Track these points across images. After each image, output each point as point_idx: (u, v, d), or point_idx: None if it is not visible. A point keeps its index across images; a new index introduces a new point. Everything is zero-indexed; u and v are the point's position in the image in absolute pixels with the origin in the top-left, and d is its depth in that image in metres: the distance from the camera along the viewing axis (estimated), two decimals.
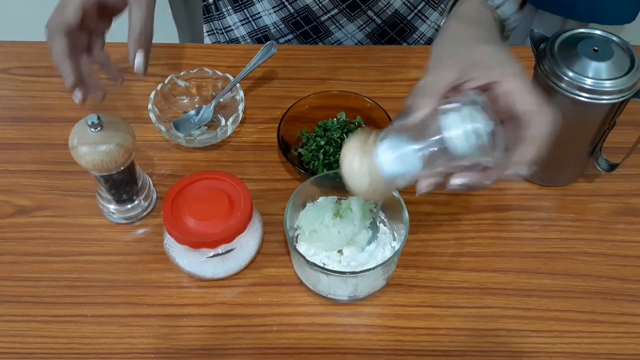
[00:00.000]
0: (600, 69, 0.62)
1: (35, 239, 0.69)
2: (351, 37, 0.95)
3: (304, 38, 0.96)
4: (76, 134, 0.62)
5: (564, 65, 0.63)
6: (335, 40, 0.95)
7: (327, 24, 0.93)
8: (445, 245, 0.69)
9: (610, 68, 0.63)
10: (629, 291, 0.66)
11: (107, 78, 0.72)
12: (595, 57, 0.63)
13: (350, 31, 0.94)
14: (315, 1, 0.90)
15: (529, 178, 0.74)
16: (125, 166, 0.65)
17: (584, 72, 0.62)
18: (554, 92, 0.64)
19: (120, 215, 0.70)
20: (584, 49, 0.64)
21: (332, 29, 0.94)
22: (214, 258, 0.64)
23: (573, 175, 0.74)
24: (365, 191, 0.53)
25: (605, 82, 0.62)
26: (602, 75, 0.62)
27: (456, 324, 0.63)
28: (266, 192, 0.74)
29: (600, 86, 0.62)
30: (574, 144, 0.69)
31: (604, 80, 0.62)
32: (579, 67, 0.63)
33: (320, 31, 0.94)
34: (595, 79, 0.62)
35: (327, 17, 0.92)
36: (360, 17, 0.92)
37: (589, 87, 0.62)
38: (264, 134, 0.79)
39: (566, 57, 0.64)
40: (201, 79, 0.81)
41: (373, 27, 0.94)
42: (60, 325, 0.63)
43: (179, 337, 0.62)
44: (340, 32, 0.94)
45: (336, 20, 0.92)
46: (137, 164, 0.68)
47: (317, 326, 0.63)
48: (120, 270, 0.67)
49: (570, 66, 0.63)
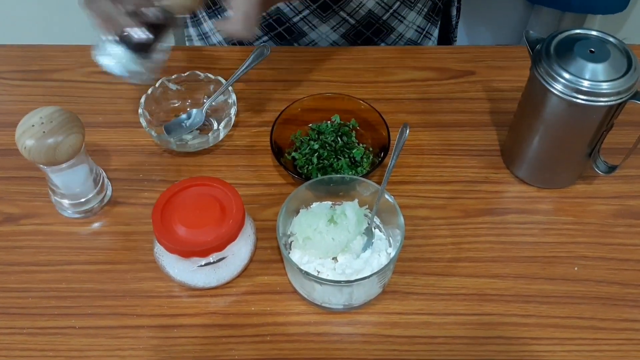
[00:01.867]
0: (597, 71, 0.61)
1: (23, 248, 0.68)
2: (325, 38, 0.94)
3: (279, 39, 0.95)
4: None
5: (560, 67, 0.62)
6: (310, 41, 0.94)
7: (299, 24, 0.92)
8: (443, 250, 0.68)
9: (607, 69, 0.61)
10: (630, 296, 0.64)
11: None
12: (592, 58, 0.62)
13: (324, 32, 0.93)
14: (287, 3, 0.89)
15: (526, 180, 0.73)
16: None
17: (580, 74, 0.61)
18: (550, 94, 0.63)
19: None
20: (580, 50, 0.62)
21: (306, 30, 0.93)
22: (205, 267, 0.63)
23: (571, 178, 0.73)
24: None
25: (603, 84, 0.61)
26: (599, 77, 0.61)
27: (455, 332, 0.62)
28: (259, 197, 0.72)
29: (598, 88, 0.61)
30: (572, 146, 0.68)
31: (601, 82, 0.61)
32: (576, 69, 0.61)
33: (293, 32, 0.93)
34: (592, 80, 0.61)
35: (298, 18, 0.91)
36: (333, 18, 0.91)
37: (586, 89, 0.61)
38: (257, 138, 0.78)
39: (562, 59, 0.62)
40: (193, 82, 0.80)
41: (347, 27, 0.93)
42: (48, 337, 0.61)
43: (169, 348, 0.61)
44: (314, 33, 0.93)
45: (308, 21, 0.91)
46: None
47: (312, 336, 0.62)
48: (110, 279, 0.65)
49: (566, 68, 0.62)
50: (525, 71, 0.68)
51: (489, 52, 0.89)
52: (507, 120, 0.76)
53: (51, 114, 0.62)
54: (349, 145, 0.75)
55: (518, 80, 0.83)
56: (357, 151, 0.74)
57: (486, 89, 0.84)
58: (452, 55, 0.88)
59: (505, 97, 0.82)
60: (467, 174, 0.74)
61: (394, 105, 0.81)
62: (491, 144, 0.77)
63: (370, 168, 0.72)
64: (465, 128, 0.79)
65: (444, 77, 0.85)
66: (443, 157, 0.76)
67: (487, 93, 0.83)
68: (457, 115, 0.81)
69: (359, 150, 0.74)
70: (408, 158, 0.76)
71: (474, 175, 0.74)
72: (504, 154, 0.76)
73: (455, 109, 0.81)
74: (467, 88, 0.84)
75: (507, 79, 0.84)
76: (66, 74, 0.85)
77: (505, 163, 0.75)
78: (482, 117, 0.80)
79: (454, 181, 0.74)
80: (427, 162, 0.76)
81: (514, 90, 0.82)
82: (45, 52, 0.88)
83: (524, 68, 0.70)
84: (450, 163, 0.75)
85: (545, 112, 0.65)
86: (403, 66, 0.86)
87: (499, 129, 0.79)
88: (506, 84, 0.84)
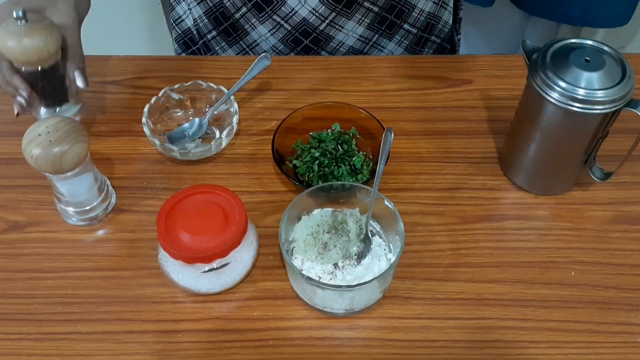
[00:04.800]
0: (593, 79, 0.63)
1: (29, 255, 0.69)
2: (352, 34, 0.94)
3: (306, 53, 0.96)
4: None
5: (556, 75, 0.63)
6: (338, 42, 0.95)
7: (327, 30, 0.92)
8: (442, 256, 0.69)
9: (602, 78, 0.63)
10: (625, 300, 0.66)
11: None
12: (587, 67, 0.63)
13: (351, 28, 0.93)
14: (312, 12, 0.89)
15: (524, 187, 0.75)
16: (49, 64, 0.68)
17: (576, 83, 0.63)
18: (546, 102, 0.64)
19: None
20: (575, 60, 0.64)
21: (332, 33, 0.93)
22: (209, 273, 0.64)
23: (567, 184, 0.74)
24: None
25: (598, 92, 0.62)
26: (594, 85, 0.62)
27: (454, 335, 0.63)
28: (261, 204, 0.73)
29: (593, 96, 0.62)
30: (568, 153, 0.70)
31: (597, 91, 0.62)
32: (572, 78, 0.63)
33: (321, 40, 0.94)
34: (587, 89, 0.62)
35: (325, 24, 0.91)
36: (358, 12, 0.91)
37: (582, 97, 0.62)
38: (259, 146, 0.79)
39: (558, 68, 0.64)
40: (195, 92, 0.81)
41: (371, 17, 0.93)
42: (54, 342, 0.62)
43: (173, 353, 0.62)
44: (341, 33, 0.93)
45: (335, 24, 0.92)
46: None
47: (314, 340, 0.63)
48: (115, 285, 0.66)
49: (562, 76, 0.63)
50: (522, 80, 0.69)
51: (487, 61, 0.90)
52: (505, 128, 0.77)
53: (57, 123, 0.63)
54: (349, 153, 0.76)
55: (515, 89, 0.84)
56: (357, 159, 0.75)
57: (484, 97, 0.85)
58: (450, 65, 0.90)
59: (502, 105, 0.84)
60: (465, 181, 0.76)
61: (392, 114, 0.83)
62: (489, 152, 0.79)
63: (370, 175, 0.73)
64: (464, 136, 0.80)
65: (442, 85, 0.87)
66: (442, 165, 0.77)
67: (484, 101, 0.84)
68: (455, 123, 0.82)
69: (359, 158, 0.75)
70: (407, 165, 0.77)
71: (472, 182, 0.76)
72: (501, 162, 0.77)
73: (454, 117, 0.83)
74: (465, 97, 0.85)
75: (505, 88, 0.86)
76: None
77: (503, 170, 0.77)
78: (479, 125, 0.82)
79: (452, 188, 0.75)
80: (426, 169, 0.77)
81: (511, 98, 0.83)
82: None
83: (521, 77, 0.71)
84: (448, 170, 0.77)
85: (541, 120, 0.67)
86: (401, 75, 0.88)
87: (497, 137, 0.80)
88: (503, 93, 0.85)
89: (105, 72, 0.88)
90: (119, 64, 0.89)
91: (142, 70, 0.89)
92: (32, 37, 0.65)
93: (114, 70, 0.89)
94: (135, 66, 0.89)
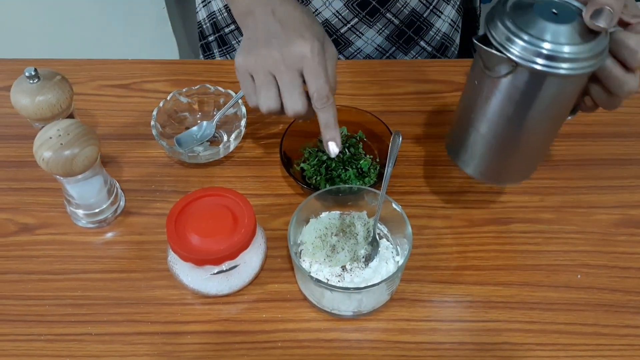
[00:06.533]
0: (560, 33, 0.51)
1: (39, 257, 0.70)
2: (371, 43, 0.95)
3: None
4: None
5: (518, 27, 0.52)
6: (356, 49, 0.96)
7: (347, 34, 0.93)
8: (449, 259, 0.69)
9: (571, 32, 0.52)
10: (632, 303, 0.66)
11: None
12: (555, 19, 0.52)
13: (370, 37, 0.94)
14: (335, 14, 0.90)
15: (477, 177, 0.66)
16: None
17: (541, 36, 0.51)
18: (504, 61, 0.53)
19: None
20: (541, 11, 0.53)
21: (352, 39, 0.94)
22: (218, 275, 0.64)
23: (528, 170, 0.65)
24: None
25: (565, 47, 0.51)
26: (561, 40, 0.51)
27: (461, 338, 0.63)
28: (269, 207, 0.74)
29: (560, 52, 0.51)
30: (529, 131, 0.59)
31: (564, 45, 0.51)
32: (536, 31, 0.52)
33: (340, 44, 0.95)
34: (554, 42, 0.51)
35: (346, 28, 0.92)
36: (380, 21, 0.92)
37: (547, 52, 0.51)
38: (267, 149, 0.80)
39: (520, 19, 0.53)
40: (203, 95, 0.82)
41: (392, 28, 0.94)
42: (65, 344, 0.63)
43: (183, 354, 0.62)
44: (360, 40, 0.95)
45: (356, 29, 0.93)
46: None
47: (322, 342, 0.63)
48: (124, 287, 0.67)
49: (525, 29, 0.52)
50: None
51: None
52: None
53: (68, 126, 0.64)
54: (357, 157, 0.76)
55: None
56: (365, 162, 0.75)
57: None
58: (456, 68, 0.90)
59: None
60: (472, 184, 0.76)
61: (399, 117, 0.83)
62: None
63: (377, 179, 0.74)
64: None
65: (448, 89, 0.87)
66: (448, 168, 0.78)
67: None
68: None
69: (366, 161, 0.76)
70: (415, 169, 0.77)
71: (478, 185, 0.76)
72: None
73: None
74: None
75: None
76: (78, 87, 0.87)
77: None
78: None
79: (459, 191, 0.76)
80: (433, 173, 0.77)
81: None
82: (57, 66, 0.90)
83: None
84: (455, 174, 0.77)
85: (495, 89, 0.56)
86: (408, 79, 0.88)
87: None
88: None
89: (113, 75, 0.89)
90: (128, 68, 0.90)
91: (150, 74, 0.89)
92: (44, 94, 0.67)
93: (122, 74, 0.89)
94: (144, 70, 0.90)
